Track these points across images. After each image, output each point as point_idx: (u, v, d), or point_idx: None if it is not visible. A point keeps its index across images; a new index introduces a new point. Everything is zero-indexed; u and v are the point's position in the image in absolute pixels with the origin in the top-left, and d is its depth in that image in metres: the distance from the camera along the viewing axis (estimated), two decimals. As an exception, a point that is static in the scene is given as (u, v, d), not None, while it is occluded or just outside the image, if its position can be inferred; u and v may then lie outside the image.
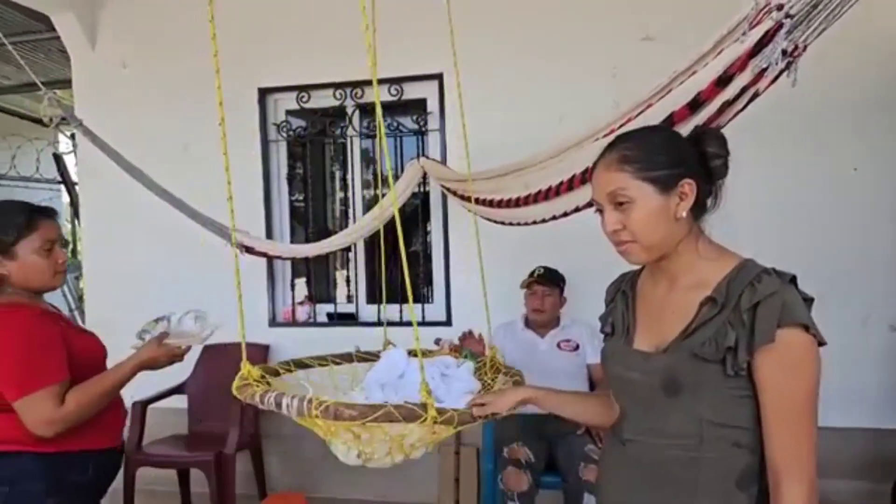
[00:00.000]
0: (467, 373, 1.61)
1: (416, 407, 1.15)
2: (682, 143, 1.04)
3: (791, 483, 0.91)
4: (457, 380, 1.56)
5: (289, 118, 3.41)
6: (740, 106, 1.18)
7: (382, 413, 1.11)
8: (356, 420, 1.12)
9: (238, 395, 1.30)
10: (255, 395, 1.25)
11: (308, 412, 1.13)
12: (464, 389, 1.49)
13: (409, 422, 1.13)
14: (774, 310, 0.91)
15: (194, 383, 3.26)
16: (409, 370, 1.54)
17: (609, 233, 1.04)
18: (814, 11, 1.01)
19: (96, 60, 3.51)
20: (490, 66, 2.99)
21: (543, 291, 2.71)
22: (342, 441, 1.26)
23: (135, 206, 3.26)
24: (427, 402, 1.15)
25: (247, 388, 1.31)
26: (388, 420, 1.12)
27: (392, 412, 1.12)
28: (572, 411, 1.31)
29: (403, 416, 1.13)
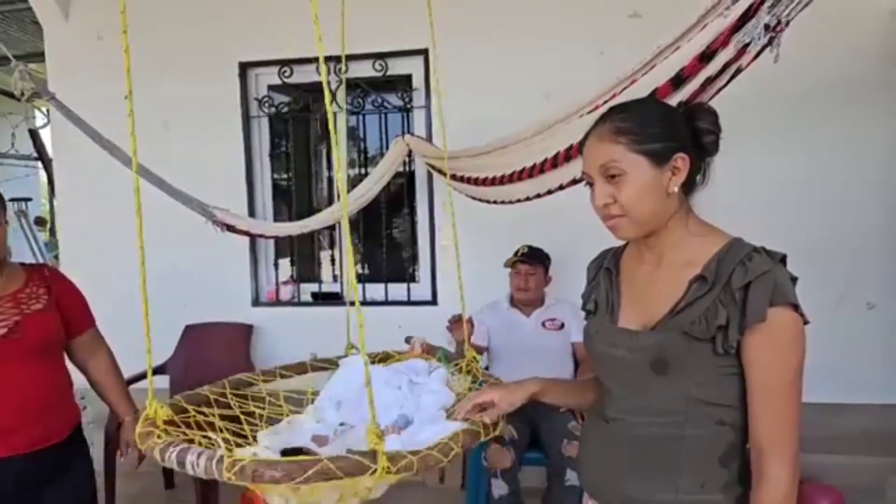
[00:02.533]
0: (439, 382, 1.43)
1: (361, 458, 0.93)
2: (676, 117, 1.02)
3: (774, 459, 0.93)
4: (428, 391, 1.40)
5: (271, 93, 3.34)
6: (723, 82, 1.18)
7: (316, 471, 0.89)
8: (280, 482, 0.90)
9: (140, 446, 1.08)
10: (154, 448, 1.03)
11: (219, 473, 0.92)
12: (436, 405, 1.33)
13: (354, 476, 0.92)
14: (766, 289, 0.91)
15: (176, 363, 3.24)
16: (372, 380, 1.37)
17: (599, 206, 1.02)
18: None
19: (70, 31, 3.39)
20: (476, 43, 2.95)
21: (527, 270, 2.71)
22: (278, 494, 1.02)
23: (112, 184, 3.18)
24: (376, 448, 0.94)
25: (149, 435, 1.07)
26: (324, 478, 0.90)
27: (329, 468, 0.89)
28: (573, 402, 1.30)
29: (345, 471, 0.91)
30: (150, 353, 1.21)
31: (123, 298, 3.39)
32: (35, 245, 5.93)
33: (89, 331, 1.80)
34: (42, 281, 1.66)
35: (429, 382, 1.42)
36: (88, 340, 1.79)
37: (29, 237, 5.93)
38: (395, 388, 1.38)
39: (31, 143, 6.29)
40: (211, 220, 2.78)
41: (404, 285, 3.29)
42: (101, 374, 1.81)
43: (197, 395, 1.36)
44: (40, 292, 1.63)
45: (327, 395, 1.42)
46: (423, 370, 1.48)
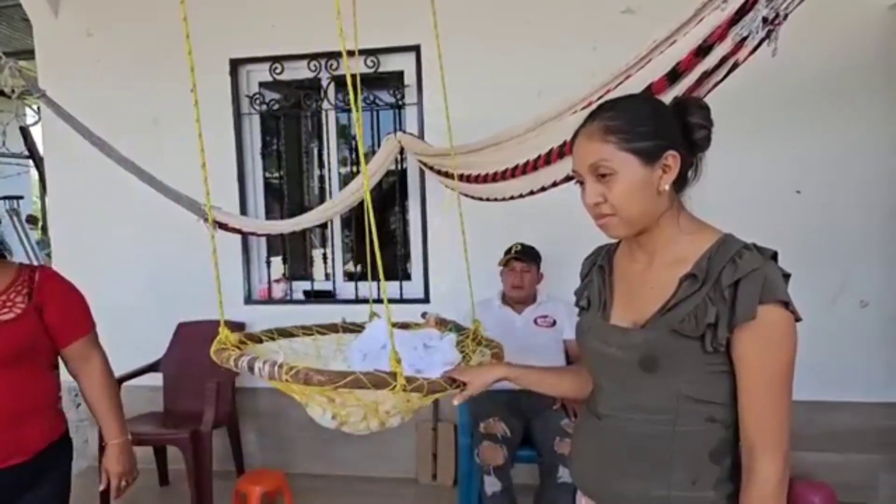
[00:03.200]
0: (449, 345, 1.62)
1: (385, 375, 1.14)
2: (667, 114, 1.01)
3: (765, 457, 0.92)
4: (438, 351, 1.57)
5: (262, 90, 3.32)
6: (720, 76, 1.17)
7: (351, 379, 1.11)
8: (325, 385, 1.12)
9: (214, 358, 1.32)
10: (230, 359, 1.26)
11: (279, 376, 1.14)
12: (443, 361, 1.50)
13: (378, 388, 1.13)
14: (756, 286, 0.90)
15: (169, 361, 3.22)
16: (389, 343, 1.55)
17: (589, 205, 1.01)
18: (795, -22, 0.98)
19: (59, 28, 3.36)
20: (468, 40, 2.93)
21: (522, 268, 2.71)
22: (318, 403, 1.29)
23: (104, 181, 3.17)
24: (396, 370, 1.15)
25: (223, 351, 1.33)
26: (357, 386, 1.12)
27: (361, 379, 1.12)
28: (549, 387, 1.30)
29: (372, 382, 1.12)
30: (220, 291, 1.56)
31: (115, 294, 3.38)
32: (27, 243, 5.88)
33: (81, 340, 1.64)
34: (26, 285, 1.53)
35: (440, 345, 1.59)
36: (81, 350, 1.64)
37: (21, 235, 5.88)
38: (411, 348, 1.53)
39: (23, 141, 6.24)
40: (203, 219, 2.75)
41: (397, 283, 3.28)
42: (92, 387, 1.65)
43: (250, 334, 1.63)
44: (17, 300, 1.49)
45: (356, 346, 1.61)
46: (437, 336, 1.65)
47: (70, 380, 3.56)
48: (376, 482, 3.17)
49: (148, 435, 2.91)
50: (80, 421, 3.51)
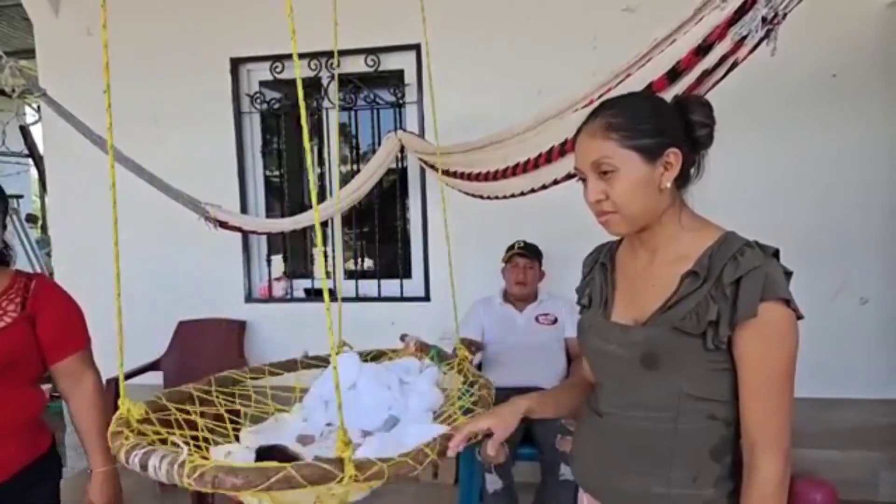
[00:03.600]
0: (429, 382, 1.40)
1: (328, 465, 0.89)
2: (668, 111, 1.01)
3: (766, 454, 0.92)
4: (415, 392, 1.36)
5: (262, 89, 3.32)
6: (719, 75, 1.17)
7: (280, 478, 0.85)
8: (241, 490, 0.87)
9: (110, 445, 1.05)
10: (120, 450, 0.99)
11: (179, 478, 0.89)
12: (423, 407, 1.31)
13: (320, 484, 0.88)
14: (757, 284, 0.90)
15: (169, 360, 3.22)
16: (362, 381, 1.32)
17: (591, 202, 1.01)
18: (794, -22, 0.99)
19: (60, 27, 3.37)
20: (468, 38, 2.94)
21: (525, 264, 2.72)
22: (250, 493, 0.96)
23: (104, 180, 3.15)
24: (343, 455, 0.90)
25: (117, 435, 1.03)
26: (288, 486, 0.86)
27: (293, 476, 0.86)
28: (566, 409, 1.24)
29: (309, 479, 0.87)
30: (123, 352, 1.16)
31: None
32: (26, 242, 5.87)
33: (74, 356, 1.52)
34: (20, 293, 1.44)
35: (418, 382, 1.39)
36: (73, 367, 1.52)
37: (20, 234, 5.88)
38: (384, 387, 1.34)
39: (22, 140, 6.23)
40: (203, 217, 2.76)
41: (397, 281, 3.28)
42: (82, 410, 1.52)
43: (180, 392, 1.32)
44: (9, 308, 1.40)
45: (316, 392, 1.38)
46: (415, 369, 1.45)
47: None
48: (377, 480, 3.17)
49: (149, 434, 2.92)
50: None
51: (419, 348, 1.65)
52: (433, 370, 1.45)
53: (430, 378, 1.39)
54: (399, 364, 1.48)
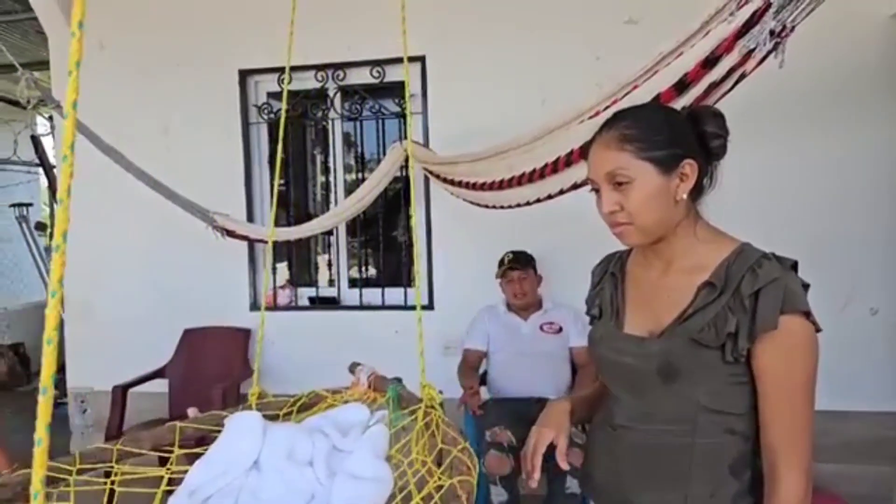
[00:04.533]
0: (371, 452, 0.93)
1: None
2: (683, 122, 1.00)
3: (788, 469, 0.91)
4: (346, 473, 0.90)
5: (270, 100, 3.35)
6: (727, 87, 1.17)
7: None
8: None
9: None
10: None
11: None
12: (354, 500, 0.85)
13: None
14: (777, 296, 0.90)
15: (175, 367, 3.23)
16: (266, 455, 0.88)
17: (605, 214, 1.00)
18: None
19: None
20: (472, 49, 2.96)
21: (519, 276, 2.71)
22: None
23: (114, 189, 3.20)
24: None
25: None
26: None
27: None
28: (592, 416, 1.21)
29: None
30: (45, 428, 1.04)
31: (124, 302, 3.41)
32: (35, 249, 5.92)
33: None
34: None
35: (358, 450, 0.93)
36: None
37: (29, 242, 5.93)
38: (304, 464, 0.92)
39: (33, 150, 6.30)
40: (211, 226, 2.78)
41: (401, 290, 3.28)
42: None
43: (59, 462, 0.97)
44: None
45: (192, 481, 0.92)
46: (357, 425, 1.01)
47: (77, 386, 3.57)
48: (381, 491, 3.15)
49: (154, 442, 2.92)
50: (85, 427, 3.53)
51: (373, 385, 1.22)
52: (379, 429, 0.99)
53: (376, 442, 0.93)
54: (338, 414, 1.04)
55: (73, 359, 3.53)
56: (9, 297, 6.45)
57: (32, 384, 5.59)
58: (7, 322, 5.76)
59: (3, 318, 5.76)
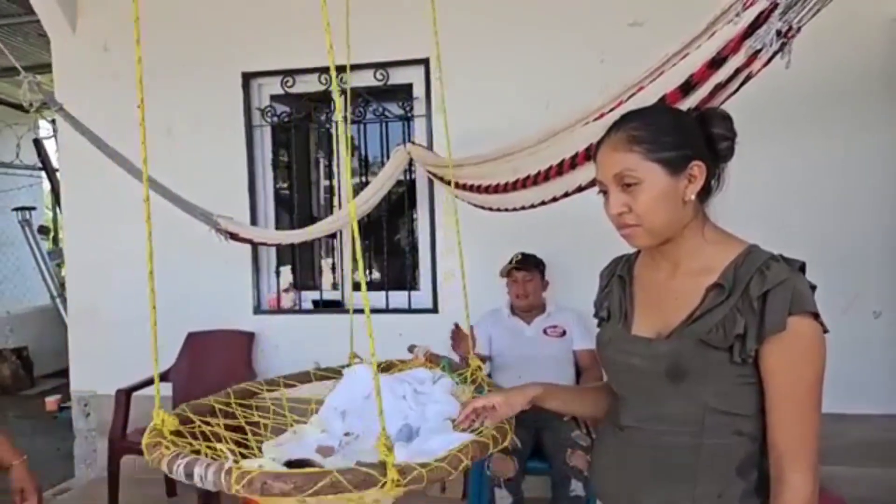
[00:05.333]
0: (444, 392, 1.40)
1: (370, 470, 0.92)
2: (691, 124, 1.01)
3: (795, 470, 0.91)
4: (433, 401, 1.36)
5: (273, 103, 3.35)
6: (733, 88, 1.17)
7: (325, 484, 0.88)
8: (290, 495, 0.89)
9: (147, 457, 1.06)
10: (162, 460, 1.01)
11: (227, 485, 0.91)
12: (442, 415, 1.29)
13: (362, 489, 0.91)
14: (785, 298, 0.90)
15: (179, 371, 3.23)
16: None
17: (613, 215, 1.00)
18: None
19: (77, 43, 3.42)
20: (476, 52, 2.97)
21: (524, 277, 2.71)
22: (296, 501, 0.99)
23: (117, 192, 3.20)
24: (386, 459, 0.93)
25: (156, 447, 1.05)
26: (334, 491, 0.89)
27: (339, 481, 0.89)
28: (577, 409, 1.28)
29: (355, 483, 0.90)
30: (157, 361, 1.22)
31: (127, 306, 3.40)
32: (38, 253, 5.93)
33: None
34: None
35: (433, 392, 1.37)
36: None
37: (32, 245, 5.94)
38: (399, 397, 1.33)
39: (36, 153, 6.31)
40: (215, 229, 2.78)
41: (405, 293, 3.28)
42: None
43: (201, 404, 1.34)
44: None
45: (332, 404, 1.39)
46: (428, 379, 1.43)
47: (79, 389, 3.57)
48: (385, 494, 3.15)
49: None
50: (88, 430, 3.52)
51: (428, 359, 1.63)
52: (446, 380, 1.43)
53: (445, 387, 1.38)
54: (411, 374, 1.47)
55: (76, 362, 3.53)
56: (12, 301, 6.46)
57: (36, 388, 5.60)
58: (10, 326, 5.77)
59: (6, 322, 5.77)
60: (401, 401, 1.31)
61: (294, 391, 1.50)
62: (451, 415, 1.29)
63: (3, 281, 6.68)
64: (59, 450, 3.86)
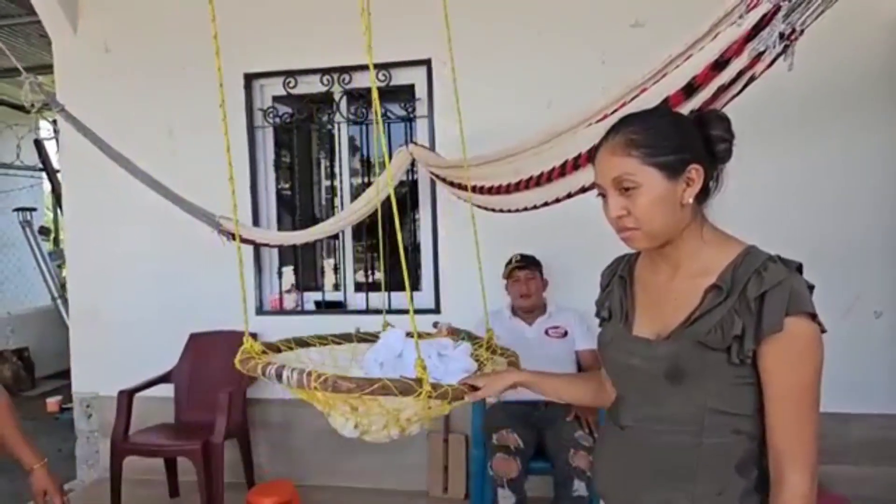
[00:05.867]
0: (464, 353, 1.62)
1: (411, 381, 1.17)
2: (689, 127, 1.01)
3: (794, 470, 0.92)
4: (453, 360, 1.58)
5: (275, 104, 3.36)
6: (736, 90, 1.17)
7: (379, 386, 1.14)
8: (353, 392, 1.14)
9: (240, 368, 1.36)
10: (257, 367, 1.29)
11: (308, 384, 1.17)
12: (461, 369, 1.52)
13: (405, 395, 1.16)
14: (782, 298, 0.90)
15: (181, 372, 3.23)
16: (406, 350, 1.58)
17: (612, 219, 1.01)
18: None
19: (78, 44, 3.42)
20: (478, 53, 2.96)
21: (526, 276, 2.72)
22: (340, 413, 1.30)
23: (118, 193, 3.21)
24: (422, 377, 1.18)
25: (249, 360, 1.36)
26: (384, 393, 1.14)
27: (388, 385, 1.14)
28: (567, 394, 1.33)
29: (399, 389, 1.15)
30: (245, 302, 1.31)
31: (129, 306, 3.41)
32: (38, 254, 5.93)
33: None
34: None
35: (455, 354, 1.60)
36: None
37: (33, 247, 5.94)
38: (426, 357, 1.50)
39: (37, 154, 6.32)
40: (217, 230, 2.79)
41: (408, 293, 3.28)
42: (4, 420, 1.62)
43: (270, 344, 1.66)
44: None
45: (371, 356, 1.61)
46: (450, 346, 1.66)
47: (81, 391, 3.57)
48: (387, 495, 3.16)
49: (159, 446, 2.92)
50: (90, 432, 3.53)
51: (451, 332, 1.93)
52: (466, 345, 1.66)
53: (465, 350, 1.61)
54: (436, 342, 1.71)
55: (78, 363, 3.53)
56: (13, 301, 6.46)
57: (37, 389, 5.60)
58: (11, 327, 5.77)
59: (7, 322, 5.77)
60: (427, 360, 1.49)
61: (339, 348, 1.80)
62: (469, 370, 1.51)
63: (5, 282, 6.68)
64: (61, 451, 3.86)
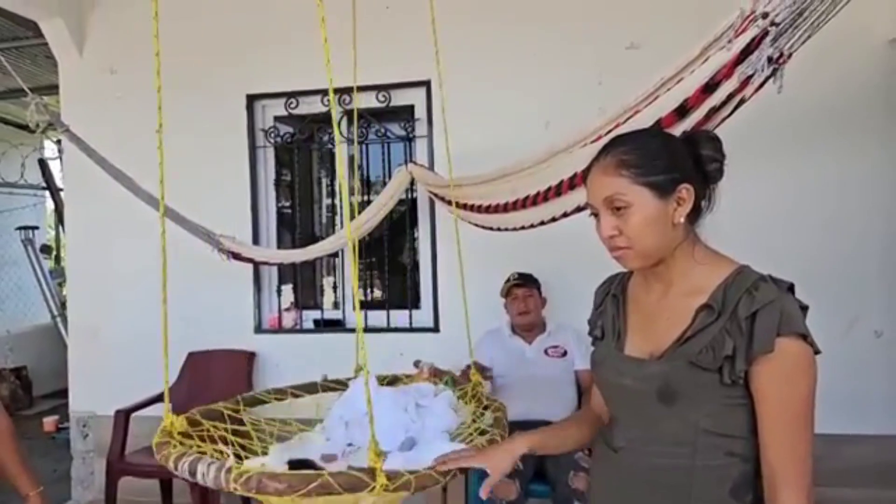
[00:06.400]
0: (445, 405, 1.46)
1: (361, 475, 0.97)
2: (679, 147, 1.02)
3: (789, 491, 0.91)
4: (432, 413, 1.42)
5: (277, 124, 3.40)
6: (727, 112, 1.19)
7: (317, 485, 0.94)
8: (284, 494, 0.95)
9: (156, 454, 1.15)
10: (169, 458, 1.09)
11: (226, 483, 0.98)
12: (440, 428, 1.36)
13: (353, 492, 0.97)
14: (773, 318, 0.90)
15: (179, 390, 3.21)
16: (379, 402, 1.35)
17: (605, 238, 1.02)
18: (799, 19, 1.02)
19: (84, 66, 3.47)
20: (477, 75, 3.01)
21: (524, 293, 2.73)
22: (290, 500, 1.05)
23: (120, 212, 3.23)
24: (375, 465, 0.99)
25: (164, 445, 1.15)
26: (325, 493, 0.95)
27: (330, 483, 0.94)
28: (572, 442, 1.23)
29: (345, 486, 0.95)
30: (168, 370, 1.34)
31: (129, 325, 3.41)
32: (40, 272, 5.95)
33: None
34: None
35: (434, 405, 1.44)
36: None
37: (34, 265, 5.96)
38: (401, 409, 1.38)
39: (41, 173, 6.36)
40: (217, 248, 2.80)
41: (406, 312, 3.29)
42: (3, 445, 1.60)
43: (211, 410, 1.43)
44: None
45: (336, 413, 1.45)
46: (430, 393, 1.50)
47: (78, 410, 3.55)
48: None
49: (155, 467, 2.89)
50: (86, 452, 3.50)
51: (433, 374, 1.74)
52: (448, 394, 1.50)
53: (446, 401, 1.44)
54: (414, 388, 1.54)
55: (76, 382, 3.52)
56: (12, 320, 6.45)
57: (34, 408, 5.57)
58: (10, 345, 5.76)
59: (5, 341, 5.75)
60: (403, 413, 1.37)
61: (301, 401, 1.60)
62: (448, 428, 1.35)
63: (4, 300, 6.67)
64: (56, 471, 3.82)
